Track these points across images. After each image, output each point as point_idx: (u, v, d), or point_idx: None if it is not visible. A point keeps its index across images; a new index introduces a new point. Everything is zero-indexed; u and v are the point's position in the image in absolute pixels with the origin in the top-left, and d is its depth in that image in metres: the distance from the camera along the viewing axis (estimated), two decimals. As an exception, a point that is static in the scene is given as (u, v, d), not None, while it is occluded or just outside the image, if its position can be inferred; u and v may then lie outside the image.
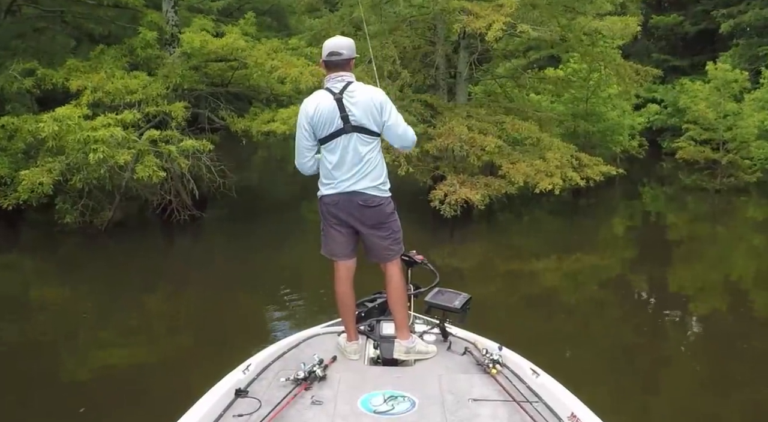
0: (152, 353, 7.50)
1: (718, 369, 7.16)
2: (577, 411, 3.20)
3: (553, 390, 3.43)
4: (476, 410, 3.26)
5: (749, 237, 15.04)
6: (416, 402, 3.35)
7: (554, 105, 19.62)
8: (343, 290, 4.09)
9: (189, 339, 8.01)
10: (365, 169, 3.86)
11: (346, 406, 3.29)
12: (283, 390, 3.39)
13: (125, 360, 7.23)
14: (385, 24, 15.06)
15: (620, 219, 17.27)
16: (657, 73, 15.08)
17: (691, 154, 19.40)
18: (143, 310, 9.08)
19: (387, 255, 4.03)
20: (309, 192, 16.97)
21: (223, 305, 8.93)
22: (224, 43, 12.70)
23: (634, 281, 11.12)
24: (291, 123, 12.23)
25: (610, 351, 7.55)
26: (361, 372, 3.79)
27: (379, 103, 3.85)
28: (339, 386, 3.51)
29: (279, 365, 3.79)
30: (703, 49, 32.04)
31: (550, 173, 13.44)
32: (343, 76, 3.87)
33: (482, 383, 3.56)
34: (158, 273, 10.85)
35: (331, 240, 4.04)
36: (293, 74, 12.34)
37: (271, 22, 25.86)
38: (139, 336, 7.98)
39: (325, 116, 3.80)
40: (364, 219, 3.94)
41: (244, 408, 3.26)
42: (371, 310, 4.51)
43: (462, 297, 4.15)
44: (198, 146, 12.14)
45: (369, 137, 3.86)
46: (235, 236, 13.14)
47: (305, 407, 3.28)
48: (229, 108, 14.22)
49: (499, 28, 12.10)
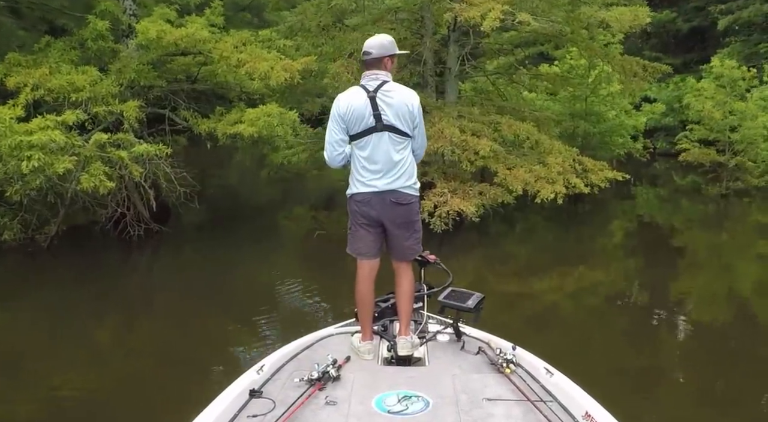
0: (104, 388, 6.48)
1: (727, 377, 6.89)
2: (592, 411, 3.15)
3: (567, 390, 3.41)
4: (490, 410, 3.26)
5: (755, 243, 14.36)
6: (430, 402, 3.35)
7: (548, 103, 18.34)
8: (364, 289, 4.12)
9: (147, 371, 6.94)
10: (399, 169, 3.93)
11: (361, 406, 3.30)
12: (298, 390, 3.41)
13: (74, 396, 6.31)
14: (368, 14, 13.62)
15: (619, 225, 16.50)
16: (666, 70, 13.81)
17: (696, 156, 18.23)
18: (92, 340, 7.93)
19: (409, 254, 4.15)
20: (284, 199, 15.67)
21: (186, 331, 7.99)
22: (184, 33, 11.13)
23: (638, 293, 10.44)
24: (260, 125, 10.85)
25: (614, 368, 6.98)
26: (375, 373, 3.82)
27: (413, 107, 3.93)
28: (353, 386, 3.53)
29: (293, 365, 3.83)
30: (694, 47, 31.42)
31: (551, 180, 12.14)
32: (378, 75, 3.93)
33: (496, 382, 3.57)
34: (111, 296, 9.47)
35: (358, 238, 4.09)
36: (262, 69, 10.90)
37: (252, 18, 24.67)
38: (88, 370, 6.92)
39: (356, 113, 3.87)
40: (395, 218, 4.00)
41: (258, 408, 3.27)
42: (384, 310, 4.47)
43: (475, 297, 4.18)
44: (154, 151, 10.62)
45: (400, 137, 3.93)
46: (200, 252, 11.89)
47: (319, 407, 3.29)
48: (193, 107, 12.67)
49: (496, 16, 10.74)
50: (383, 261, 4.18)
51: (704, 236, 15.22)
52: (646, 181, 22.53)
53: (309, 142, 14.21)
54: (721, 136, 18.22)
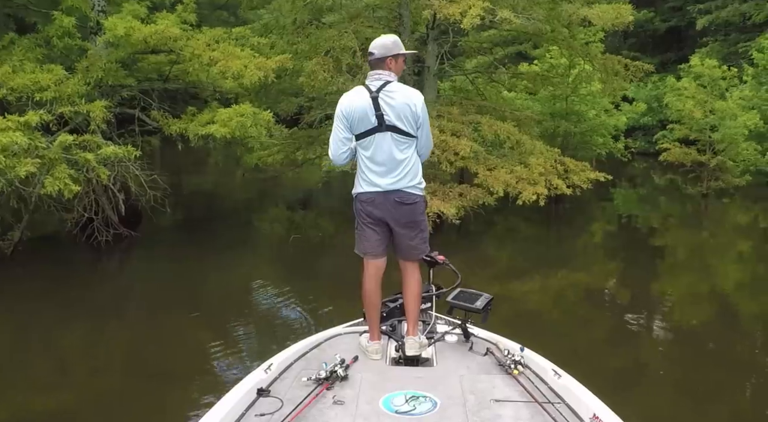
0: (73, 403, 6.18)
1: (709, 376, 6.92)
2: (599, 413, 3.14)
3: (575, 391, 3.40)
4: (498, 411, 3.25)
5: (735, 242, 14.47)
6: (438, 402, 3.34)
7: (528, 103, 18.08)
8: (370, 288, 4.10)
9: (119, 383, 6.64)
10: (403, 168, 3.94)
11: (368, 406, 3.29)
12: (305, 389, 3.40)
13: (40, 412, 6.01)
14: (344, 12, 13.28)
15: (600, 225, 16.47)
16: (649, 69, 13.57)
17: (677, 156, 18.08)
18: (59, 351, 7.51)
19: (414, 254, 4.14)
20: (261, 200, 15.28)
21: (159, 341, 7.65)
22: (153, 30, 10.70)
23: (621, 295, 10.30)
24: (232, 125, 10.44)
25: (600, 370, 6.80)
26: (383, 372, 3.79)
27: (416, 107, 3.91)
28: (361, 386, 3.52)
29: (301, 365, 3.82)
30: (671, 47, 31.57)
31: (533, 181, 11.87)
32: (381, 75, 3.93)
33: (504, 384, 3.56)
34: (78, 305, 9.01)
35: (364, 238, 4.09)
36: (236, 67, 10.52)
37: (228, 17, 24.39)
38: (55, 383, 6.62)
39: (359, 113, 3.88)
40: (399, 217, 4.01)
41: (266, 407, 3.26)
42: (393, 310, 4.45)
43: (484, 298, 4.21)
44: (122, 153, 10.20)
45: (403, 137, 3.92)
46: (173, 258, 11.42)
47: (327, 407, 3.28)
48: (164, 108, 12.25)
49: (476, 14, 10.43)
50: (393, 262, 4.17)
51: (685, 236, 15.20)
52: (624, 180, 22.52)
53: (284, 142, 13.83)
54: (702, 136, 18.12)
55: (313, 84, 11.95)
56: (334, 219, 15.74)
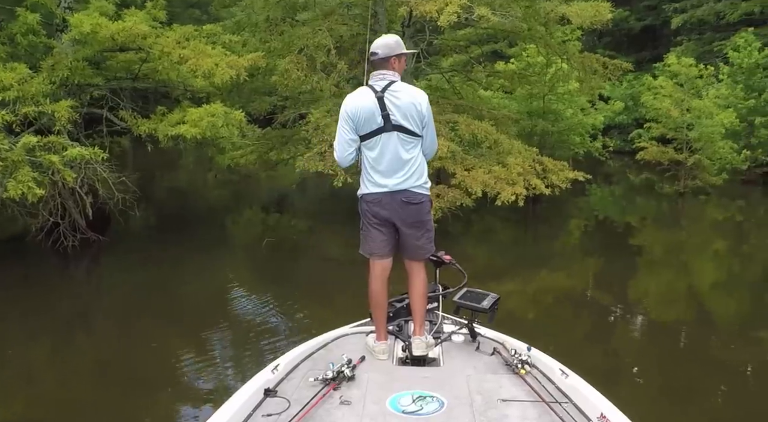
0: (38, 416, 5.91)
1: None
2: (607, 412, 3.13)
3: (582, 391, 3.40)
4: (505, 411, 3.24)
5: (712, 240, 14.55)
6: (445, 402, 3.33)
7: (505, 102, 17.95)
8: (377, 288, 4.10)
9: (87, 394, 6.36)
10: (409, 168, 3.93)
11: (375, 406, 3.29)
12: (312, 389, 3.40)
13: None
14: (318, 9, 13.01)
15: (577, 224, 16.40)
16: (627, 67, 13.47)
17: (654, 154, 18.05)
18: (24, 363, 7.10)
19: (421, 254, 4.13)
20: (235, 202, 14.93)
21: (130, 349, 7.32)
22: (121, 27, 10.38)
23: (599, 294, 10.22)
24: (203, 125, 10.13)
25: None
26: (390, 373, 3.79)
27: (421, 107, 3.91)
28: (367, 386, 3.52)
29: (307, 365, 3.83)
30: (646, 46, 31.72)
31: (511, 181, 11.66)
32: (385, 75, 3.93)
33: (511, 383, 3.56)
34: (44, 313, 8.61)
35: (370, 239, 4.08)
36: (206, 66, 10.23)
37: (201, 15, 24.07)
38: (19, 394, 6.32)
39: (365, 113, 3.87)
40: (406, 217, 4.00)
41: (273, 407, 3.26)
42: (399, 310, 4.46)
43: (490, 298, 4.21)
44: (89, 154, 9.85)
45: (409, 137, 3.92)
46: (143, 262, 11.08)
47: (334, 407, 3.28)
48: (132, 107, 11.89)
49: (453, 11, 10.22)
50: (400, 262, 4.17)
51: (662, 234, 15.20)
52: (600, 179, 22.50)
53: (258, 142, 13.52)
54: (679, 134, 18.12)
55: (287, 83, 11.68)
56: (309, 221, 15.52)
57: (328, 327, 4.54)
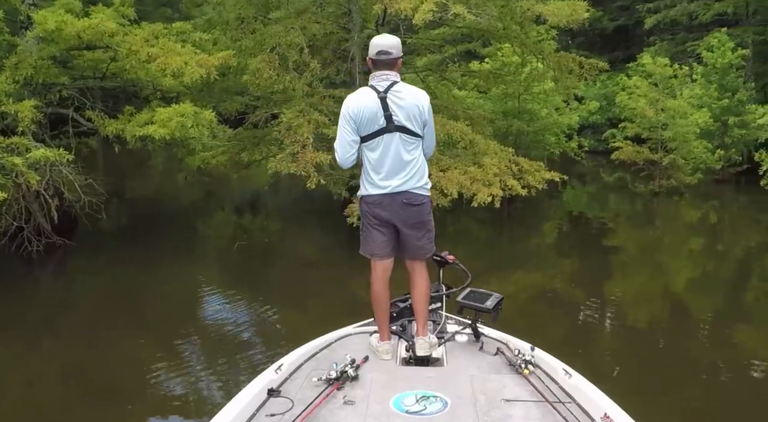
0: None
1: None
2: (610, 412, 3.13)
3: (585, 391, 3.40)
4: (509, 410, 3.25)
5: (686, 239, 14.67)
6: (448, 402, 3.33)
7: (480, 102, 17.83)
8: (379, 289, 4.10)
9: (54, 404, 6.19)
10: (410, 169, 3.92)
11: (379, 406, 3.29)
12: (316, 389, 3.41)
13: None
14: (291, 6, 12.76)
15: (552, 225, 16.43)
16: (604, 67, 13.35)
17: (629, 154, 18.05)
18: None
19: (422, 254, 4.13)
20: (206, 204, 14.65)
21: (98, 357, 7.18)
22: (87, 24, 10.09)
23: (575, 294, 10.14)
24: (172, 125, 9.86)
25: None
26: (393, 372, 3.79)
27: (423, 108, 3.90)
28: (371, 386, 3.52)
29: (311, 365, 3.83)
30: (619, 46, 31.87)
31: (488, 182, 11.46)
32: (389, 76, 3.90)
33: (515, 383, 3.56)
34: (9, 322, 8.34)
35: (371, 240, 4.07)
36: (175, 64, 9.96)
37: (172, 14, 23.77)
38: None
39: (368, 114, 3.84)
40: (407, 218, 3.99)
41: (276, 407, 3.27)
42: (403, 310, 4.44)
43: (494, 298, 4.20)
44: (53, 156, 9.55)
45: (411, 138, 3.91)
46: (112, 267, 10.87)
47: (337, 407, 3.28)
48: (99, 107, 11.59)
49: (429, 8, 10.02)
50: (402, 262, 4.16)
51: (637, 234, 15.21)
52: (574, 179, 22.46)
53: (229, 143, 13.25)
54: (654, 134, 18.14)
55: (258, 82, 11.41)
56: (282, 222, 15.30)
57: (301, 333, 4.57)
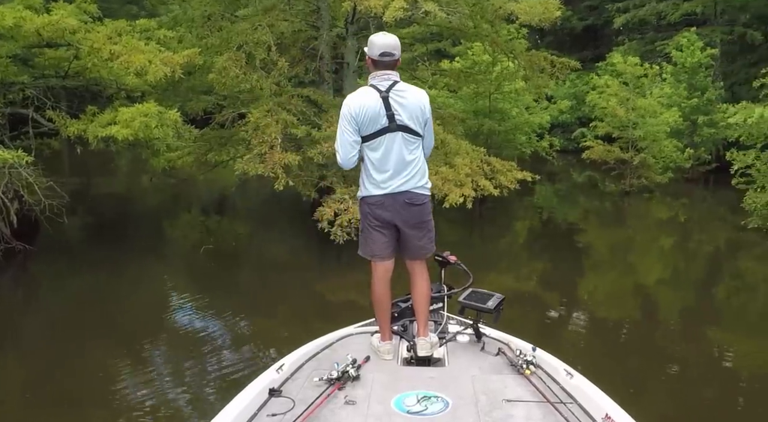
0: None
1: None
2: (612, 413, 3.13)
3: (587, 392, 3.40)
4: (510, 411, 3.25)
5: (658, 237, 14.82)
6: (450, 402, 3.33)
7: (451, 101, 17.74)
8: (380, 290, 4.09)
9: (19, 416, 6.03)
10: (411, 169, 3.91)
11: (380, 406, 3.29)
12: (317, 389, 3.40)
13: None
14: (259, 4, 12.52)
15: (524, 225, 16.51)
16: (575, 66, 13.33)
17: (600, 154, 18.07)
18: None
19: (422, 254, 4.12)
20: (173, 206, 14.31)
21: (60, 367, 6.88)
22: (47, 21, 9.76)
23: (548, 295, 10.20)
24: (135, 126, 9.54)
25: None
26: (395, 373, 3.79)
27: (425, 106, 3.93)
28: (372, 386, 3.52)
29: (312, 365, 3.82)
30: (588, 45, 31.98)
31: (459, 182, 11.37)
32: (390, 75, 3.89)
33: (516, 384, 3.56)
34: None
35: (371, 241, 4.05)
36: (139, 63, 9.67)
37: (138, 12, 23.44)
38: None
39: (370, 114, 3.81)
40: (408, 218, 3.98)
41: (277, 407, 3.26)
42: (404, 310, 4.42)
43: (495, 298, 4.20)
44: (11, 158, 9.23)
45: (413, 137, 3.91)
46: (74, 272, 10.57)
47: (339, 407, 3.28)
48: (60, 107, 11.24)
49: (400, 6, 9.87)
50: (400, 262, 4.14)
51: (608, 233, 15.30)
52: (544, 178, 22.49)
53: (195, 144, 12.95)
54: (625, 133, 18.19)
55: (224, 81, 11.17)
56: (250, 225, 15.08)
57: (270, 338, 4.65)
